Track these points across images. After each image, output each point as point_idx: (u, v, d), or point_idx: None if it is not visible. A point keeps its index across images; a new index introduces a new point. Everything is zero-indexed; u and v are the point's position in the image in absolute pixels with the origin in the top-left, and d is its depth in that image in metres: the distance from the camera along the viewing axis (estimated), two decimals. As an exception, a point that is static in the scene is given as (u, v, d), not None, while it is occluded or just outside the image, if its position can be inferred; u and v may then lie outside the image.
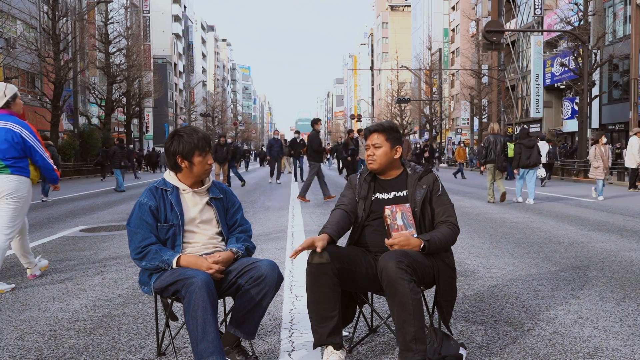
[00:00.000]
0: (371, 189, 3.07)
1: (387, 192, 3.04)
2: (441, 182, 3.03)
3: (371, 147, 3.05)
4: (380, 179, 3.10)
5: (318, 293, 2.70)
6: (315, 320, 2.74)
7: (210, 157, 2.90)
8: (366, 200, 3.04)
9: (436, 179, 3.01)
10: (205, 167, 2.88)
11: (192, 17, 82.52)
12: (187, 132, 2.87)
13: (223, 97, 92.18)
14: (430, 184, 2.98)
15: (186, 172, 2.87)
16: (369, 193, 3.06)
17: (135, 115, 41.13)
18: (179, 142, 2.83)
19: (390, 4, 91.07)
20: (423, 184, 2.98)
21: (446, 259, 2.86)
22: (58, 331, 3.50)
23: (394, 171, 3.08)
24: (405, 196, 2.99)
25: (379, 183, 3.09)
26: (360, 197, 3.06)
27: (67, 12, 30.67)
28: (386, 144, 3.02)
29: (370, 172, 3.13)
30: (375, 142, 3.04)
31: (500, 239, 6.84)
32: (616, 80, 29.93)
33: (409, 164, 3.11)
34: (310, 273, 2.70)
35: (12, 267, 5.67)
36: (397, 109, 57.00)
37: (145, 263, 2.74)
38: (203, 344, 2.46)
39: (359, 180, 3.13)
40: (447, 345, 2.77)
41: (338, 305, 2.75)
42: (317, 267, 2.67)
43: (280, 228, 8.05)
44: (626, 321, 3.53)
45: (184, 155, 2.82)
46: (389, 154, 3.03)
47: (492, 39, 21.07)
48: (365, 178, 3.11)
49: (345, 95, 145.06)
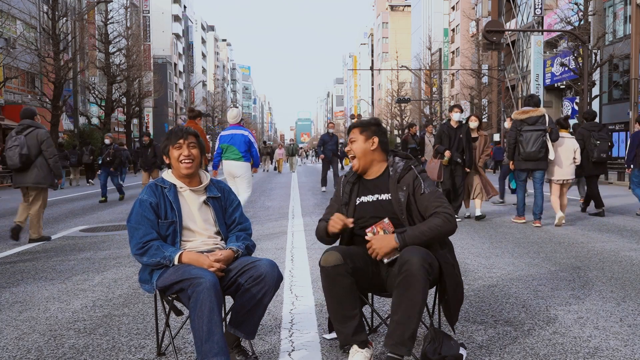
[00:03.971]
0: (354, 192, 3.00)
1: (371, 194, 2.96)
2: (421, 177, 2.90)
3: (350, 144, 3.03)
4: (365, 179, 3.02)
5: (336, 294, 2.70)
6: (337, 321, 2.74)
7: (186, 149, 2.86)
8: (349, 206, 2.97)
9: (416, 176, 2.90)
10: (179, 159, 2.85)
11: (192, 17, 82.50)
12: (169, 131, 2.96)
13: (223, 97, 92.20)
14: (409, 184, 2.88)
15: (174, 169, 2.92)
16: (351, 198, 2.99)
17: (135, 115, 41.14)
18: (163, 141, 2.95)
19: (390, 4, 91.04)
20: (403, 186, 2.88)
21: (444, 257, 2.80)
22: (58, 331, 3.50)
23: (376, 167, 3.00)
24: (388, 200, 2.90)
25: (363, 184, 3.02)
26: (342, 203, 3.01)
27: (67, 12, 30.71)
28: (360, 137, 2.99)
29: (354, 174, 3.06)
30: (351, 137, 3.04)
31: (500, 239, 6.84)
32: (616, 80, 29.93)
33: (393, 160, 3.01)
34: (326, 276, 2.69)
35: (12, 266, 5.67)
36: (397, 109, 57.01)
37: (146, 259, 2.73)
38: (208, 344, 2.45)
39: (342, 183, 3.08)
40: (447, 345, 2.77)
41: (358, 303, 2.76)
42: (333, 269, 2.66)
43: (280, 228, 8.05)
44: (626, 321, 3.53)
45: (164, 151, 2.93)
46: (363, 145, 2.97)
47: (492, 39, 21.05)
48: (349, 180, 3.05)
49: (345, 95, 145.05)
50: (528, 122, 7.82)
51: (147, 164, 13.40)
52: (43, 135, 7.09)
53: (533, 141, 7.78)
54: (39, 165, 7.04)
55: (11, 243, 7.15)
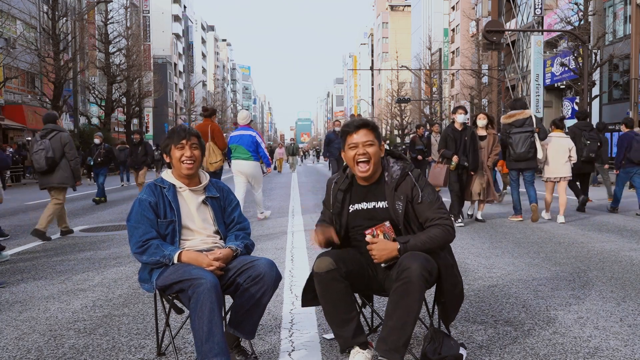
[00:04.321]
0: (346, 201, 2.86)
1: (366, 202, 2.82)
2: (419, 185, 2.77)
3: (360, 146, 2.76)
4: (358, 185, 2.86)
5: (331, 299, 2.68)
6: (335, 325, 2.73)
7: (188, 150, 2.86)
8: (342, 214, 2.86)
9: (414, 185, 2.76)
10: (180, 159, 2.85)
11: (192, 17, 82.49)
12: (172, 130, 2.96)
13: (223, 97, 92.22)
14: (408, 192, 2.75)
15: (175, 168, 2.92)
16: (343, 207, 2.85)
17: (135, 115, 41.11)
18: (164, 140, 2.94)
19: (390, 4, 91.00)
20: (400, 195, 2.75)
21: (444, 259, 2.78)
22: (58, 331, 3.50)
23: (376, 174, 2.84)
24: (385, 208, 2.79)
25: (356, 191, 2.86)
26: (334, 212, 2.88)
27: (67, 12, 30.70)
28: (376, 140, 2.79)
29: (345, 181, 2.88)
30: (367, 140, 2.77)
31: (500, 239, 6.84)
32: (616, 80, 29.93)
33: (387, 163, 2.85)
34: (320, 282, 2.68)
35: (12, 266, 5.67)
36: (397, 109, 56.99)
37: (146, 257, 2.74)
38: (208, 345, 2.46)
39: (333, 190, 2.92)
40: (447, 345, 2.77)
41: (354, 306, 2.75)
42: (326, 275, 2.65)
43: (280, 228, 8.05)
44: (626, 321, 3.53)
45: (165, 150, 2.92)
46: (378, 150, 2.80)
47: (492, 39, 21.04)
48: (340, 188, 2.87)
49: (345, 95, 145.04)
50: (516, 124, 8.20)
51: (137, 162, 13.25)
52: (66, 139, 7.51)
53: (522, 142, 8.15)
54: (63, 167, 7.46)
55: (12, 243, 7.16)
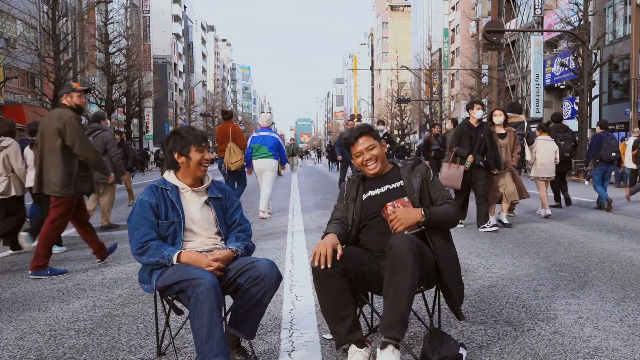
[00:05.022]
0: (360, 191, 3.07)
1: (379, 188, 3.05)
2: (431, 170, 3.10)
3: (365, 152, 3.03)
4: (370, 179, 3.09)
5: (328, 295, 2.70)
6: (331, 321, 2.74)
7: (208, 153, 2.93)
8: (356, 201, 3.04)
9: (427, 167, 3.07)
10: (201, 162, 2.88)
11: (192, 17, 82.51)
12: (184, 129, 2.94)
13: (223, 97, 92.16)
14: (423, 172, 3.03)
15: (184, 170, 2.90)
16: (358, 195, 3.06)
17: (135, 115, 41.15)
18: (175, 140, 2.89)
19: (390, 4, 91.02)
20: (417, 173, 3.02)
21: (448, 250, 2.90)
22: (58, 331, 3.50)
23: (386, 168, 3.11)
24: (400, 187, 3.01)
25: (370, 183, 3.09)
26: (349, 199, 3.06)
27: (67, 12, 30.70)
28: (376, 142, 3.06)
29: (359, 175, 3.14)
30: (369, 145, 3.04)
31: (500, 239, 6.84)
32: (616, 80, 29.93)
33: (397, 160, 3.19)
34: (317, 278, 2.70)
35: (12, 266, 5.67)
36: (397, 109, 57.00)
37: (145, 258, 2.75)
38: (208, 345, 2.46)
39: (347, 185, 3.15)
40: (447, 345, 2.77)
41: (351, 303, 2.76)
42: (323, 270, 2.67)
43: (281, 228, 8.05)
44: (626, 321, 3.53)
45: (180, 150, 2.87)
46: (381, 150, 3.07)
47: (492, 39, 21.06)
48: (354, 181, 3.12)
49: (345, 95, 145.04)
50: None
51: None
52: (108, 137, 7.96)
53: None
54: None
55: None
